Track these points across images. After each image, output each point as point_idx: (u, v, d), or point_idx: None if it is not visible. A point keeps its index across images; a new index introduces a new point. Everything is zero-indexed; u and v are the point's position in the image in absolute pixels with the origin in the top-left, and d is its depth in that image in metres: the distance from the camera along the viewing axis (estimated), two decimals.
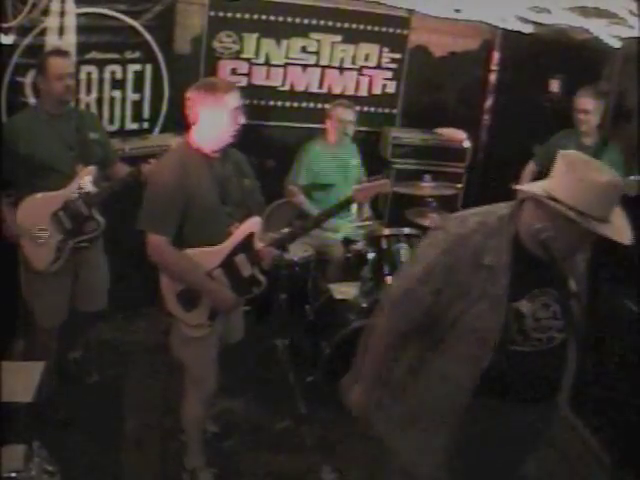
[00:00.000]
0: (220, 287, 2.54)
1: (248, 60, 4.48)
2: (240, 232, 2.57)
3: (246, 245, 2.58)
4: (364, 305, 3.48)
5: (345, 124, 4.06)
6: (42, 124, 2.89)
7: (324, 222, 3.32)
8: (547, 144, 3.96)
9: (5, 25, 3.29)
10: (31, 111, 3.10)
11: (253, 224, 2.61)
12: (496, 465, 1.85)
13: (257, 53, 4.49)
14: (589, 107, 3.68)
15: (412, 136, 4.85)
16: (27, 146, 2.82)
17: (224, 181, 2.54)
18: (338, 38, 4.63)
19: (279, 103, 4.69)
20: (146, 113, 4.12)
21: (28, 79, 3.45)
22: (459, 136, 4.90)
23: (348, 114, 4.08)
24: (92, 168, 2.99)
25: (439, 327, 1.77)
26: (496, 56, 5.00)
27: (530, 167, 4.03)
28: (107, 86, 3.88)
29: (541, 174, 3.98)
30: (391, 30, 4.73)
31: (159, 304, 2.61)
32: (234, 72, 4.47)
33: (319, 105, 4.65)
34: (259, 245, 2.63)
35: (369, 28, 4.67)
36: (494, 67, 5.03)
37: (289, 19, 4.48)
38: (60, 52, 2.97)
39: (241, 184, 2.63)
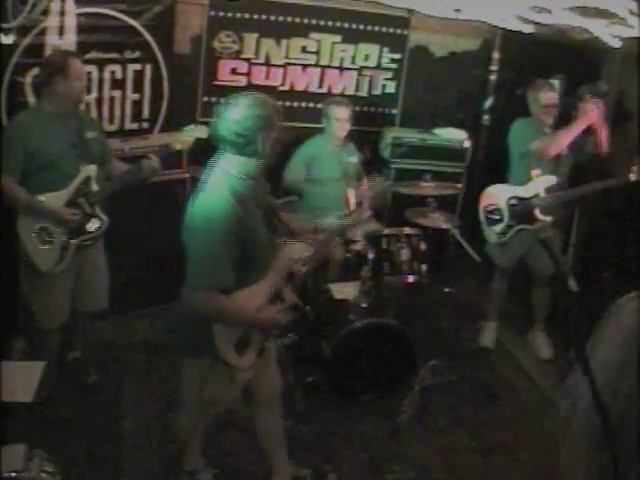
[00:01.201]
0: (268, 315, 2.32)
1: (248, 60, 4.48)
2: (284, 263, 2.34)
3: (290, 275, 2.38)
4: (364, 305, 3.48)
5: (339, 121, 4.05)
6: (46, 123, 2.91)
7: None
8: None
9: (5, 25, 3.29)
10: (34, 111, 3.12)
11: (298, 252, 2.40)
12: None
13: (257, 53, 4.49)
14: (556, 102, 3.74)
15: (412, 136, 4.84)
16: (32, 144, 2.84)
17: (263, 206, 2.29)
18: (338, 38, 4.63)
19: (279, 103, 4.66)
20: (146, 113, 4.12)
21: (28, 79, 3.45)
22: (459, 136, 4.91)
23: (342, 111, 4.06)
24: (94, 167, 3.00)
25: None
26: (496, 56, 5.00)
27: None
28: (107, 86, 3.89)
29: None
30: (391, 30, 4.74)
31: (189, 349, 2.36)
32: (234, 72, 4.47)
33: (319, 105, 4.64)
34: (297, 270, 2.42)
35: (369, 28, 4.68)
36: (494, 67, 5.03)
37: (289, 19, 4.48)
38: (77, 54, 3.08)
39: (269, 203, 2.39)
